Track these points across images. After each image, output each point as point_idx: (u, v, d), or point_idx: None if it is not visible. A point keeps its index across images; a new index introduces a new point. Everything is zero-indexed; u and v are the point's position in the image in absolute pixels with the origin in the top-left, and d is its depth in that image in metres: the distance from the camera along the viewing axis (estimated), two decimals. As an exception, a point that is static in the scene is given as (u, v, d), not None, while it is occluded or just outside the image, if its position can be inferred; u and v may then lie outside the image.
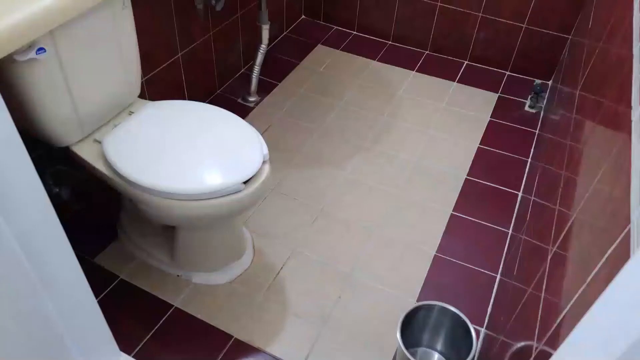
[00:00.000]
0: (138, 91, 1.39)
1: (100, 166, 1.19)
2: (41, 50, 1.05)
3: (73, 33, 1.10)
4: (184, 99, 1.89)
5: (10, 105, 0.70)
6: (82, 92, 1.19)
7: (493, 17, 2.20)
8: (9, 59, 0.99)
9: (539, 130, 1.98)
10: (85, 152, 1.23)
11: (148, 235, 1.46)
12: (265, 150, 1.23)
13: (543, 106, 2.11)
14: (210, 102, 2.03)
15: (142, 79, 1.57)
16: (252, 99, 2.05)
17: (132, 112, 1.34)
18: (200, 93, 1.99)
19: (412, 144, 1.91)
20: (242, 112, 2.00)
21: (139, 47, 1.34)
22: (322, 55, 2.35)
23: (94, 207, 1.59)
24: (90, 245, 1.49)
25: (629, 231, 0.52)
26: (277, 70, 2.22)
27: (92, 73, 1.20)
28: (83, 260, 1.44)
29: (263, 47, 1.97)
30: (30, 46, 1.02)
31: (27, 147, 0.74)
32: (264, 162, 1.21)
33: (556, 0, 2.05)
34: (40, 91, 1.09)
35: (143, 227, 1.47)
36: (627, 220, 0.53)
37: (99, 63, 1.21)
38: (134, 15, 1.29)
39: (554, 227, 1.00)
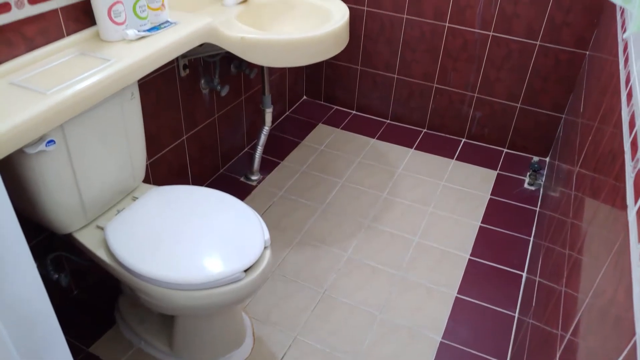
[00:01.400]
0: (142, 176, 1.42)
1: (101, 254, 1.19)
2: (51, 142, 1.08)
3: (82, 124, 1.15)
4: (187, 178, 1.92)
5: (12, 191, 0.71)
6: (88, 180, 1.21)
7: (488, 97, 2.28)
8: (18, 151, 1.02)
9: (539, 208, 1.99)
10: (87, 239, 1.23)
11: (146, 322, 1.43)
12: (267, 235, 1.23)
13: (542, 183, 2.13)
14: (214, 181, 2.06)
15: (146, 162, 1.61)
16: (254, 177, 2.08)
17: (136, 198, 1.36)
18: (204, 172, 2.03)
19: (413, 222, 1.91)
20: (245, 190, 2.02)
21: (145, 131, 1.38)
22: (323, 134, 2.42)
23: (92, 293, 1.57)
24: (86, 331, 1.46)
25: (634, 344, 0.51)
26: (279, 149, 2.27)
27: (98, 161, 1.23)
28: (78, 350, 1.40)
29: (266, 129, 2.03)
30: (40, 138, 1.06)
31: (29, 233, 0.74)
32: (265, 248, 1.21)
33: (547, 82, 2.13)
34: (46, 181, 1.12)
35: (142, 313, 1.45)
36: (632, 332, 0.52)
37: (105, 151, 1.25)
38: (142, 100, 1.34)
39: (561, 313, 0.98)
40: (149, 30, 1.31)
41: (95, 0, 1.20)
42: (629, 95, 0.94)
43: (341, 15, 1.68)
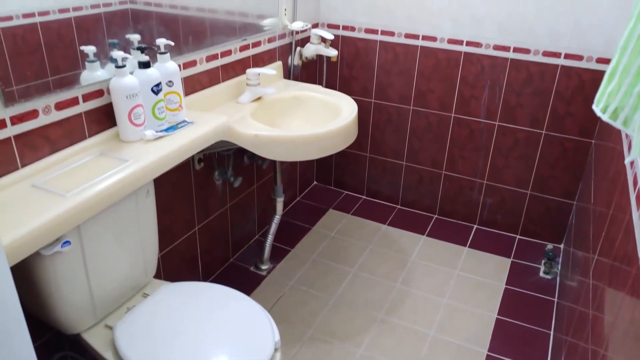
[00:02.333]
0: (154, 271, 1.41)
1: (109, 356, 1.16)
2: (66, 243, 1.09)
3: (98, 223, 1.16)
4: (198, 270, 1.91)
5: (21, 290, 0.70)
6: (100, 278, 1.21)
7: (497, 185, 2.30)
8: (33, 253, 1.04)
9: (557, 299, 1.93)
10: (96, 339, 1.21)
11: None
12: (277, 336, 1.20)
13: (558, 272, 2.09)
14: (224, 272, 2.05)
15: (158, 255, 1.61)
16: (264, 267, 2.06)
17: (147, 295, 1.35)
18: (214, 263, 2.02)
19: (428, 314, 1.86)
20: (255, 281, 2.00)
21: (158, 224, 1.40)
22: (334, 220, 2.42)
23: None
24: None
25: None
26: (290, 236, 2.27)
27: (111, 258, 1.24)
28: None
29: (277, 218, 2.04)
30: (56, 240, 1.07)
31: (35, 332, 0.73)
32: (275, 350, 1.17)
33: (555, 170, 2.16)
34: (59, 281, 1.12)
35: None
36: None
37: (119, 248, 1.26)
38: (156, 194, 1.37)
39: None
40: (167, 130, 1.36)
41: (118, 104, 1.27)
42: (639, 198, 0.94)
43: (350, 111, 1.75)
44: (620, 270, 0.97)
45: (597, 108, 0.86)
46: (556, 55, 1.99)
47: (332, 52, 2.21)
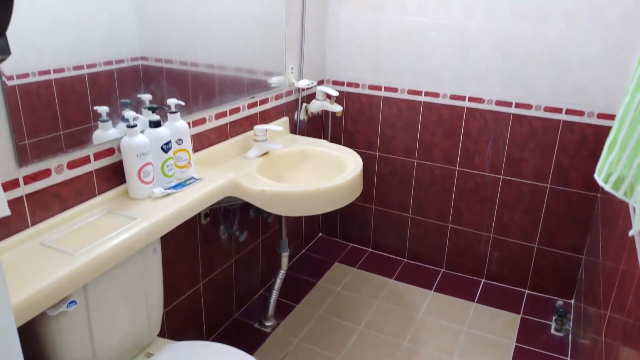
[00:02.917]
0: (158, 329, 1.39)
1: (108, 421, 1.12)
2: (72, 303, 1.08)
3: (104, 281, 1.16)
4: (202, 326, 1.88)
5: (22, 346, 0.69)
6: (104, 336, 1.19)
7: (504, 238, 2.29)
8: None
9: (570, 358, 1.88)
10: (96, 403, 1.17)
11: None
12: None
13: (570, 329, 2.04)
14: (227, 328, 2.01)
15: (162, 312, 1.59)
16: (268, 323, 2.02)
17: (150, 354, 1.32)
18: (218, 319, 1.99)
19: (437, 373, 1.81)
20: (259, 338, 1.96)
21: (163, 281, 1.39)
22: (340, 274, 2.40)
23: None
24: None
25: None
26: (295, 291, 2.25)
27: (116, 316, 1.22)
28: None
29: (282, 273, 2.02)
30: (62, 299, 1.06)
31: None
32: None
33: (562, 223, 2.15)
34: (62, 341, 1.10)
35: None
36: None
37: (124, 306, 1.24)
38: (162, 250, 1.37)
39: None
40: (175, 187, 1.38)
41: (128, 163, 1.29)
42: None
43: (355, 165, 1.78)
44: (634, 329, 0.95)
45: (599, 178, 0.87)
46: (558, 110, 2.03)
47: (337, 108, 2.26)
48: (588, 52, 1.91)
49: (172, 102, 1.44)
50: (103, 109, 1.30)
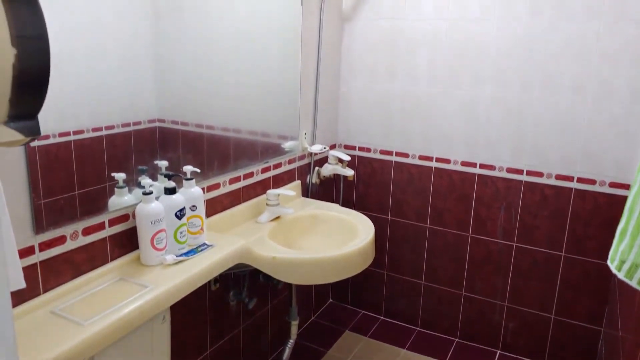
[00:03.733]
0: (162, 402, 1.35)
1: None
2: (77, 374, 1.06)
3: (112, 351, 1.14)
4: (207, 396, 1.82)
5: None
6: (106, 411, 1.16)
7: (519, 307, 2.23)
8: (43, 386, 1.00)
9: None
10: None
11: None
12: None
13: (592, 407, 1.93)
14: (234, 398, 1.94)
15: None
16: (277, 394, 1.95)
17: None
18: (225, 387, 1.92)
19: None
20: (266, 410, 1.88)
21: (171, 349, 1.36)
22: (350, 343, 2.33)
23: None
24: None
25: None
26: (304, 360, 2.18)
27: (120, 390, 1.19)
28: None
29: (291, 342, 1.98)
30: (68, 371, 1.04)
31: None
32: None
33: (579, 293, 2.09)
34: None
35: None
36: None
37: (129, 378, 1.21)
38: (170, 317, 1.35)
39: None
40: (187, 254, 1.38)
41: (142, 229, 1.30)
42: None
43: (367, 232, 1.77)
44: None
45: (612, 265, 0.87)
46: (569, 178, 2.03)
47: (349, 172, 2.29)
48: (597, 123, 1.94)
49: (187, 169, 1.47)
50: (120, 176, 1.33)
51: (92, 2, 1.20)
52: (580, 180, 2.02)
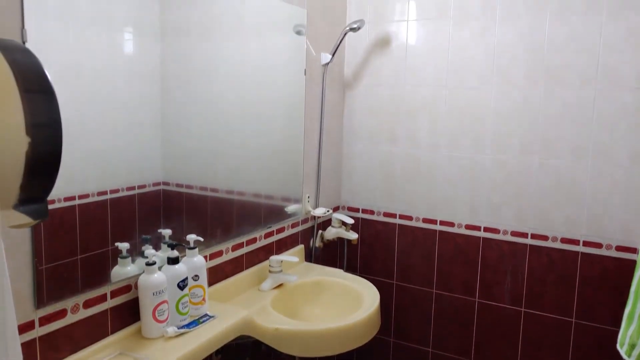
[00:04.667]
0: None
1: None
2: None
3: None
4: None
5: None
6: None
7: (531, 376, 2.14)
8: None
9: None
10: None
11: None
12: None
13: None
14: None
15: None
16: None
17: None
18: None
19: None
20: None
21: None
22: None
23: None
24: None
25: None
26: None
27: None
28: None
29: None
30: None
31: None
32: None
33: (593, 362, 2.02)
34: None
35: None
36: None
37: None
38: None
39: None
40: (188, 325, 1.36)
41: (144, 301, 1.29)
42: None
43: (372, 299, 1.74)
44: None
45: (621, 350, 0.85)
46: (575, 242, 2.02)
47: (353, 236, 2.28)
48: (599, 186, 1.95)
49: (191, 238, 1.47)
50: (124, 246, 1.33)
51: (102, 69, 1.24)
52: (586, 243, 2.00)
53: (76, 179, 1.21)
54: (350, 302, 1.79)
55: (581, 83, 1.94)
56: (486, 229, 2.18)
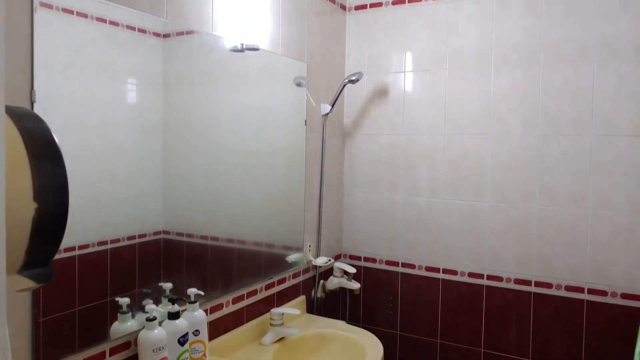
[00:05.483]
0: None
1: None
2: None
3: None
4: None
5: None
6: None
7: None
8: None
9: None
10: None
11: None
12: None
13: None
14: None
15: None
16: None
17: None
18: None
19: None
20: None
21: None
22: None
23: None
24: None
25: None
26: None
27: None
28: None
29: None
30: None
31: None
32: None
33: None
34: None
35: None
36: None
37: None
38: None
39: None
40: (189, 383, 1.32)
41: (144, 358, 1.26)
42: None
43: (375, 353, 1.70)
44: None
45: None
46: (579, 290, 1.99)
47: (355, 285, 2.26)
48: (600, 233, 1.94)
49: (191, 292, 1.45)
50: (124, 301, 1.31)
51: (105, 119, 1.26)
52: (591, 291, 1.98)
53: (77, 229, 1.21)
54: (354, 356, 1.75)
55: (576, 130, 1.97)
56: (489, 277, 2.16)
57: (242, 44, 1.69)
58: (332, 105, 2.24)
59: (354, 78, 2.22)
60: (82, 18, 1.19)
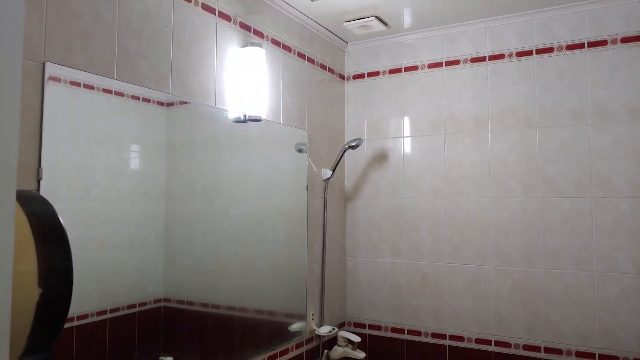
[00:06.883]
0: None
1: None
2: None
3: None
4: None
5: None
6: None
7: None
8: None
9: None
10: None
11: None
12: None
13: None
14: None
15: None
16: None
17: None
18: None
19: None
20: None
21: None
22: None
23: None
24: None
25: None
26: None
27: None
28: None
29: None
30: None
31: None
32: None
33: None
34: None
35: None
36: None
37: None
38: None
39: None
40: None
41: None
42: None
43: None
44: None
45: None
46: (590, 355, 1.93)
47: (360, 355, 2.19)
48: (608, 297, 1.91)
49: (193, 366, 1.41)
50: (123, 380, 1.27)
51: (109, 186, 1.27)
52: (602, 357, 1.91)
53: (76, 299, 1.17)
54: None
55: (577, 192, 1.99)
56: (497, 343, 2.10)
57: (245, 115, 1.74)
58: (333, 170, 2.27)
59: (353, 144, 2.26)
60: (89, 90, 1.24)
